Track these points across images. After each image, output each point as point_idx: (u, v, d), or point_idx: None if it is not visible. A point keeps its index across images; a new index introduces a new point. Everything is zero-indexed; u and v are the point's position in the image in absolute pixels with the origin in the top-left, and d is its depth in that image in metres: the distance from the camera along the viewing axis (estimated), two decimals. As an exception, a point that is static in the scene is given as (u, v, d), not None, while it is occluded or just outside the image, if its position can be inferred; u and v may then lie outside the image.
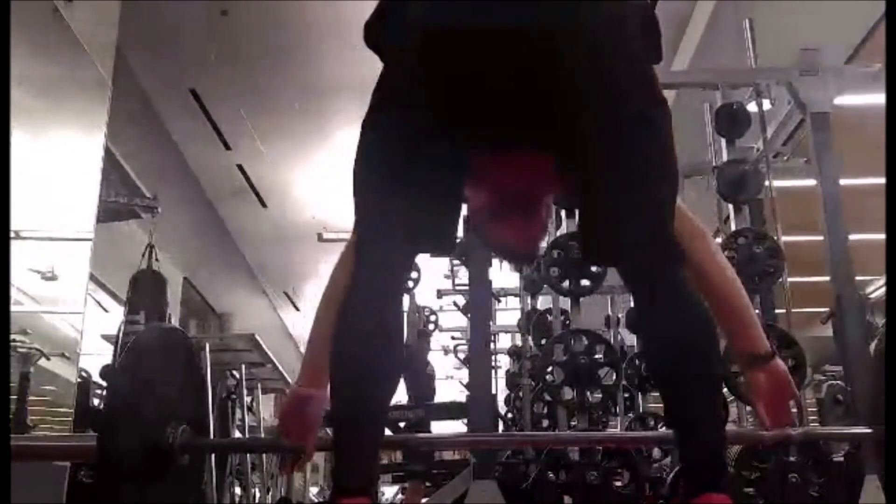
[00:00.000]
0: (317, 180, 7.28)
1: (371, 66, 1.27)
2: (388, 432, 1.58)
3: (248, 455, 5.52)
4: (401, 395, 5.41)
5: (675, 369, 1.25)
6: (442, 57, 1.15)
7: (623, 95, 1.16)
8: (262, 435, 6.01)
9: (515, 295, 5.51)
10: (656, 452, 3.96)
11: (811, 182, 3.18)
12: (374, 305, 1.23)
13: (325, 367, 1.38)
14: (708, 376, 1.26)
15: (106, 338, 4.63)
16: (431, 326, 6.83)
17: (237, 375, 5.49)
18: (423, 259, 2.23)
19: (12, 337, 2.88)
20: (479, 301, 3.51)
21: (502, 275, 5.19)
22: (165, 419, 1.37)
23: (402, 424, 4.11)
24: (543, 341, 4.09)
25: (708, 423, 1.26)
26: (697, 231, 1.35)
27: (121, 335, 4.04)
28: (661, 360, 1.29)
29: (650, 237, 1.21)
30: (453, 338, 7.67)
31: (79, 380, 3.64)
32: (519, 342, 5.67)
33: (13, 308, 2.84)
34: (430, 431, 6.61)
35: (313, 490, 8.63)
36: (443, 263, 6.29)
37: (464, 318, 6.30)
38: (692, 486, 1.22)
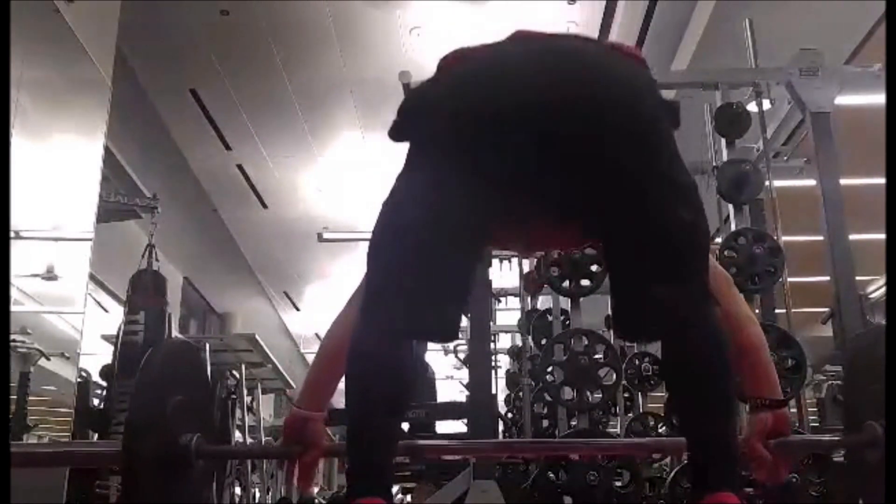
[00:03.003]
0: (317, 180, 7.28)
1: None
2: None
3: (247, 455, 5.51)
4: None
5: (687, 371, 1.25)
6: (473, 133, 1.17)
7: (657, 159, 1.19)
8: (263, 434, 6.02)
9: (515, 295, 5.49)
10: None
11: (811, 182, 3.18)
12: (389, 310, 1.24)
13: (323, 388, 1.45)
14: (721, 373, 1.24)
15: (106, 338, 4.62)
16: None
17: (237, 375, 5.49)
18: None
19: (12, 337, 2.88)
20: (479, 301, 3.52)
21: (502, 275, 5.18)
22: (181, 428, 1.48)
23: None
24: (543, 341, 4.10)
25: (719, 420, 1.22)
26: (727, 279, 1.44)
27: (121, 335, 4.04)
28: (674, 367, 1.29)
29: (689, 307, 1.21)
30: (453, 338, 7.66)
31: (79, 380, 3.63)
32: (519, 342, 5.67)
33: (13, 308, 2.84)
34: (435, 432, 6.63)
35: (313, 490, 8.65)
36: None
37: (463, 318, 6.29)
38: (701, 486, 1.18)
